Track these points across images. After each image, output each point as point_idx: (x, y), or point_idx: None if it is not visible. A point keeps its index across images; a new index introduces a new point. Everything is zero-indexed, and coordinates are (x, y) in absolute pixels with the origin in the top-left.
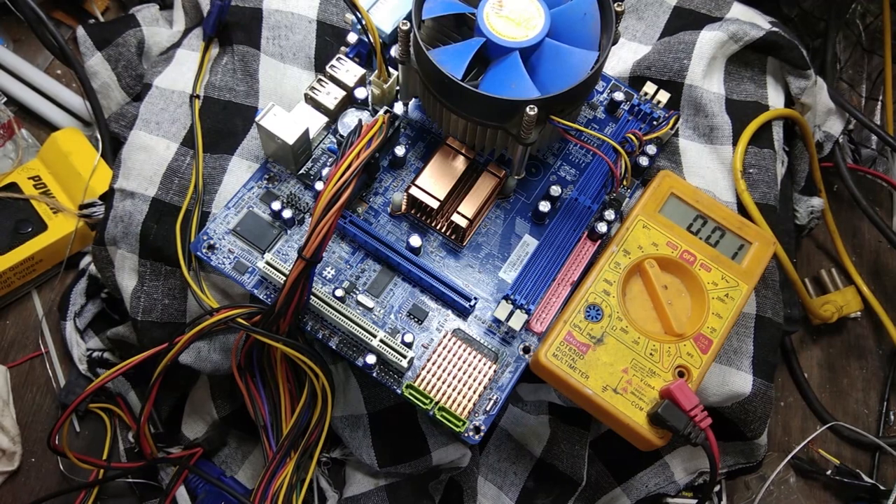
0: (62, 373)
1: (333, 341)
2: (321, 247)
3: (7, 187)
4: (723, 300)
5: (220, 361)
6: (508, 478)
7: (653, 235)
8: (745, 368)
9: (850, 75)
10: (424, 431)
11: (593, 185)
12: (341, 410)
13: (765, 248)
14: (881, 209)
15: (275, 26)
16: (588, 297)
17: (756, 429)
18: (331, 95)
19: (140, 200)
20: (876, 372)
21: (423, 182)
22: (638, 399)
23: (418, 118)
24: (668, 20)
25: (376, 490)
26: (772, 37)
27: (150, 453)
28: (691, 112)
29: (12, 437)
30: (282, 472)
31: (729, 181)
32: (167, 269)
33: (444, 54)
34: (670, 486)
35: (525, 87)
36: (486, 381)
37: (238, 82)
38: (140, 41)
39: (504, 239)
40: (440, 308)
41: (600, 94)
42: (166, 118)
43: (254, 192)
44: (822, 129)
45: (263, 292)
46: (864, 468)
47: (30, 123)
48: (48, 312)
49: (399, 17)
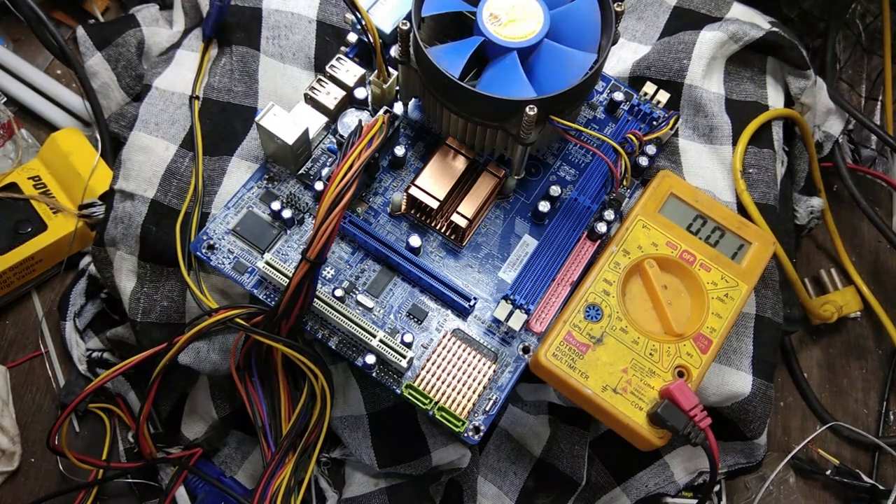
0: (62, 373)
1: (333, 341)
2: (325, 248)
3: (7, 187)
4: (722, 300)
5: (219, 362)
6: (508, 478)
7: (652, 235)
8: (745, 368)
9: (849, 75)
10: (424, 432)
11: (593, 185)
12: (341, 411)
13: (764, 248)
14: (881, 209)
15: (274, 26)
16: (588, 297)
17: (756, 429)
18: (331, 95)
19: (139, 202)
20: (875, 372)
21: (422, 182)
22: (638, 399)
23: (418, 118)
24: (668, 20)
25: (377, 492)
26: (772, 37)
27: (150, 453)
28: (691, 112)
29: (12, 437)
30: (280, 472)
31: (728, 181)
32: (166, 270)
33: (443, 52)
34: (670, 486)
35: (523, 87)
36: (486, 381)
37: (237, 83)
38: (140, 41)
39: (504, 239)
40: (440, 308)
41: (600, 94)
42: (165, 119)
43: (253, 192)
44: (821, 129)
45: (263, 292)
46: (863, 468)
47: (30, 123)
48: (48, 312)
49: (399, 17)
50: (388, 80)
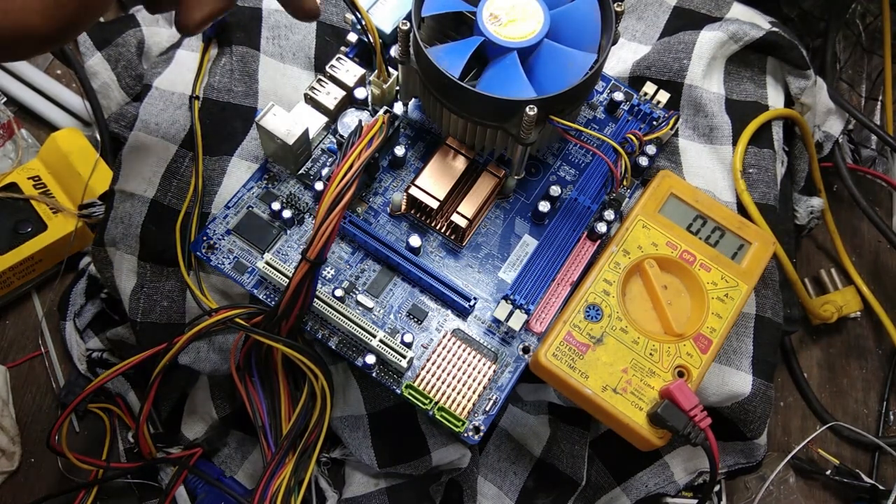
0: (62, 373)
1: (333, 341)
2: (325, 248)
3: (7, 187)
4: (722, 300)
5: (219, 362)
6: (508, 478)
7: (652, 235)
8: (745, 368)
9: (849, 75)
10: (424, 432)
11: (593, 185)
12: (341, 411)
13: (764, 247)
14: (881, 209)
15: (274, 26)
16: (588, 297)
17: (756, 429)
18: (331, 95)
19: (139, 202)
20: (876, 372)
21: (422, 182)
22: (638, 399)
23: (418, 118)
24: (668, 20)
25: (377, 492)
26: (772, 37)
27: (150, 453)
28: (691, 112)
29: (12, 437)
30: (281, 472)
31: (729, 181)
32: (166, 270)
33: (443, 52)
34: (670, 486)
35: (523, 88)
36: (486, 382)
37: (237, 83)
38: (140, 41)
39: (504, 239)
40: (440, 308)
41: (600, 94)
42: (166, 119)
43: (253, 192)
44: (821, 129)
45: (263, 292)
46: (863, 468)
47: (30, 123)
48: (48, 312)
49: (399, 17)
50: (388, 81)
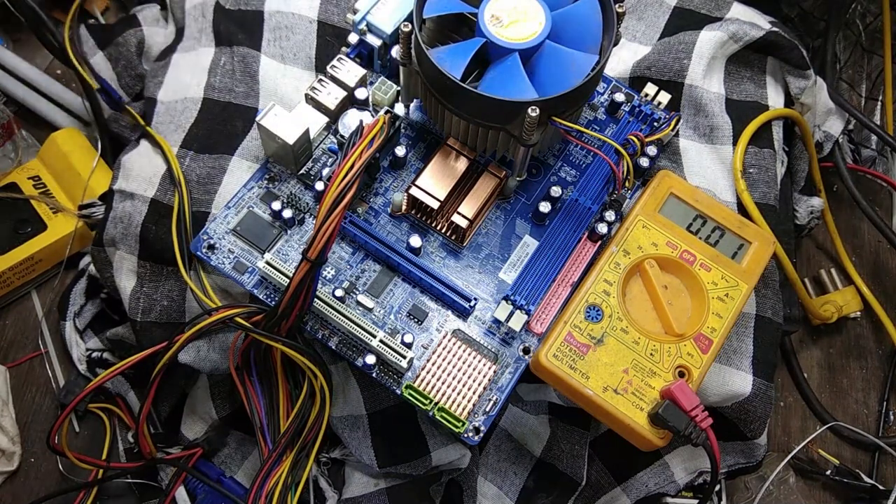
0: (61, 373)
1: (333, 341)
2: (326, 248)
3: (7, 187)
4: (723, 300)
5: (219, 361)
6: (508, 478)
7: (652, 235)
8: (745, 368)
9: (850, 75)
10: (424, 432)
11: (594, 185)
12: (341, 411)
13: (764, 247)
14: (881, 209)
15: (276, 27)
16: (588, 298)
17: (756, 429)
18: (331, 96)
19: (139, 202)
20: (875, 372)
21: (423, 182)
22: (638, 399)
23: (419, 119)
24: (668, 20)
25: (377, 492)
26: (772, 37)
27: (150, 453)
28: (691, 112)
29: (12, 437)
30: (277, 470)
31: (729, 181)
32: (166, 270)
33: (444, 54)
34: (670, 486)
35: (525, 89)
36: (486, 382)
37: (238, 83)
38: (140, 41)
39: (504, 239)
40: (440, 308)
41: (601, 95)
42: (171, 126)
43: (254, 192)
44: (821, 128)
45: (263, 292)
46: (863, 468)
47: (30, 123)
48: (48, 312)
49: (400, 19)
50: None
